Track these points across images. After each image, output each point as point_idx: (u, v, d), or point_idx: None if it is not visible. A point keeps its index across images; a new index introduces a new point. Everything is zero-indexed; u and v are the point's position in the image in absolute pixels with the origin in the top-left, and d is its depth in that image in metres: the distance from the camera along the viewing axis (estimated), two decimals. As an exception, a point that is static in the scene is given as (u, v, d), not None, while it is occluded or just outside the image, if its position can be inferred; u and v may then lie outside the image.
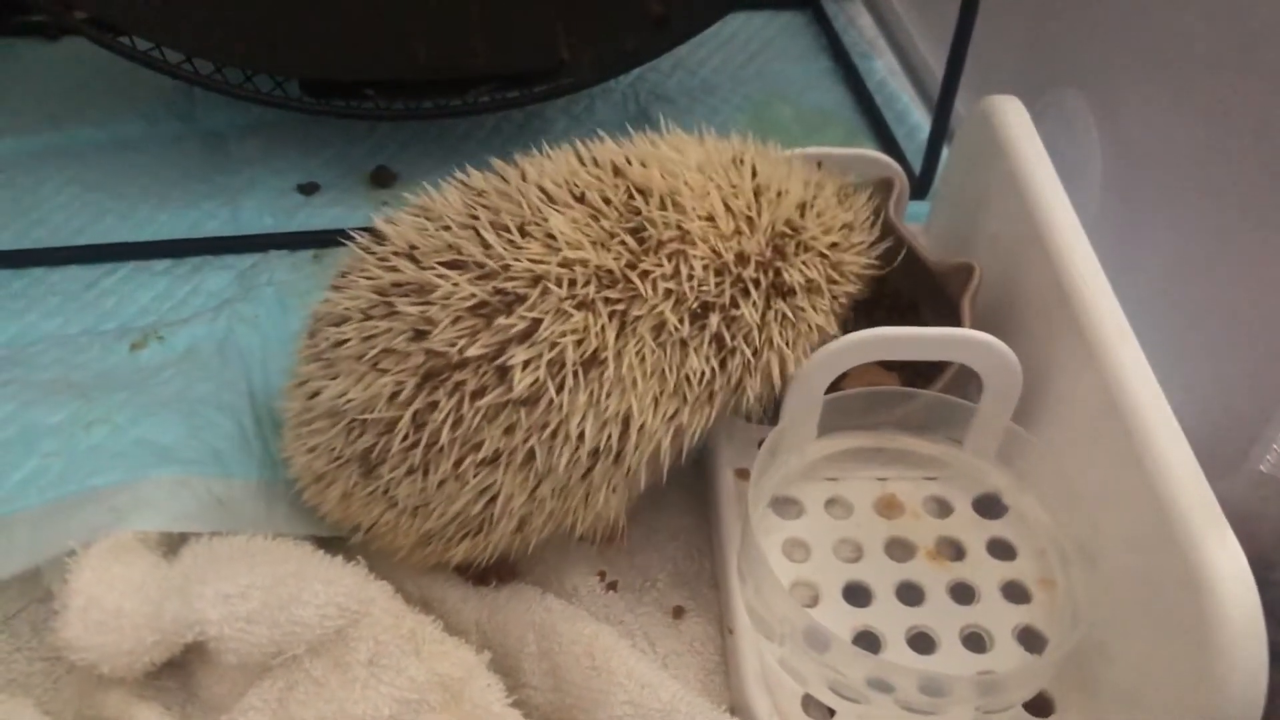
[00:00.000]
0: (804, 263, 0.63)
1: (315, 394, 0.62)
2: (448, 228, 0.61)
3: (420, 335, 0.58)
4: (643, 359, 0.58)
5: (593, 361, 0.58)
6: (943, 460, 0.73)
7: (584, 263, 0.59)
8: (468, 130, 1.04)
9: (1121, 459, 0.61)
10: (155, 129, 1.04)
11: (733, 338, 0.61)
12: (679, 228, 0.60)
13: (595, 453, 0.60)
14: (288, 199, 0.98)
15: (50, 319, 0.86)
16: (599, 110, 1.09)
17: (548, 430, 0.58)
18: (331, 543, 0.67)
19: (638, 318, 0.59)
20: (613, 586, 0.71)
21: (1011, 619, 0.66)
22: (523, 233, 0.60)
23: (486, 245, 0.59)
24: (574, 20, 0.93)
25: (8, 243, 0.92)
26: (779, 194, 0.64)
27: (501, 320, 0.57)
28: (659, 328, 0.59)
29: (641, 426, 0.59)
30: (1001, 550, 0.70)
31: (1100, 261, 0.68)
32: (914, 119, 1.10)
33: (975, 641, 0.65)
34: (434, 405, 0.58)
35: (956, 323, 0.72)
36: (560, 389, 0.58)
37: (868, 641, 0.65)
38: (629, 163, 0.63)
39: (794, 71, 1.17)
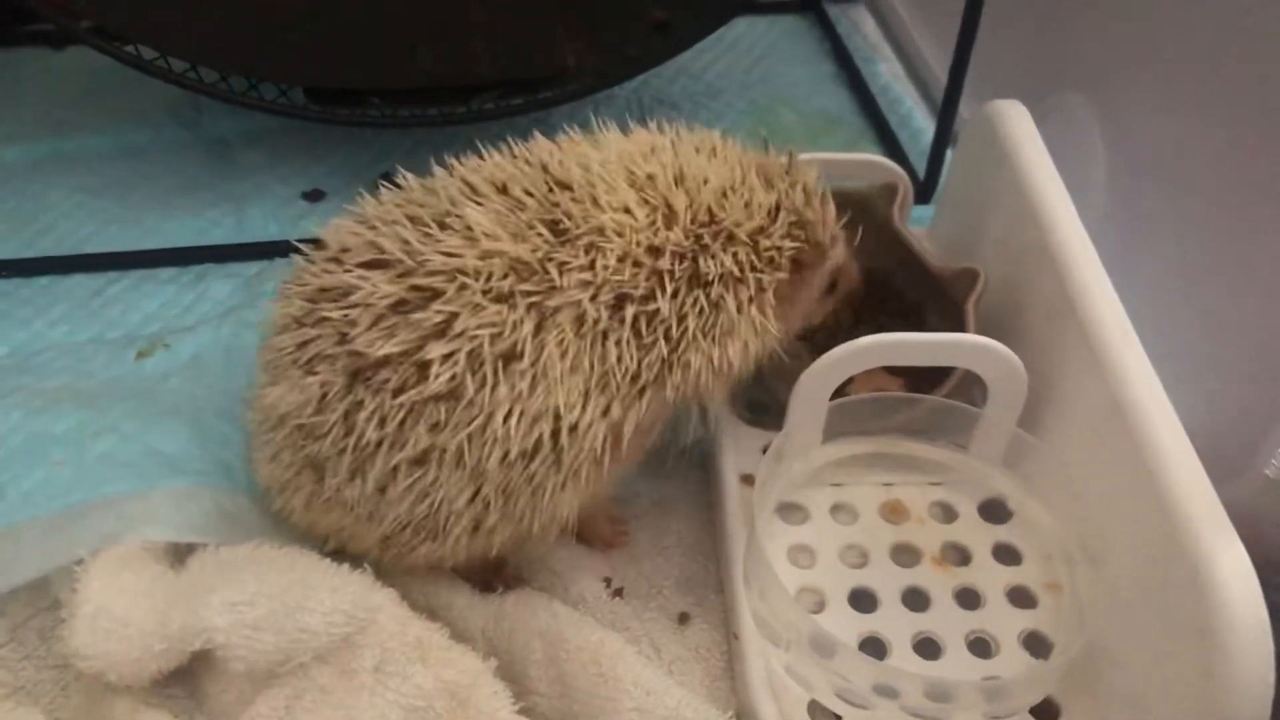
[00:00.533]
0: (724, 252, 0.60)
1: (265, 402, 0.62)
2: (374, 228, 0.61)
3: (344, 338, 0.58)
4: (564, 352, 0.58)
5: (512, 355, 0.57)
6: (948, 465, 0.73)
7: (501, 254, 0.58)
8: (473, 136, 1.04)
9: (1126, 463, 0.61)
10: (161, 137, 1.05)
11: (650, 330, 0.59)
12: (594, 220, 0.59)
13: (530, 454, 0.59)
14: (293, 206, 0.98)
15: (57, 327, 0.87)
16: (603, 116, 1.09)
17: (474, 426, 0.57)
18: (337, 550, 0.67)
19: (556, 310, 0.58)
20: (619, 593, 0.71)
21: (1017, 624, 0.66)
22: (441, 226, 0.59)
23: (405, 242, 0.59)
24: (578, 27, 0.93)
25: (14, 251, 0.92)
26: (703, 181, 0.61)
27: (418, 315, 0.57)
28: (579, 320, 0.58)
29: (574, 425, 0.58)
30: (1007, 555, 0.70)
31: (1104, 265, 0.68)
32: (918, 123, 1.10)
33: (981, 646, 0.65)
34: (360, 404, 0.58)
35: (961, 327, 0.72)
36: (481, 385, 0.57)
37: (873, 647, 0.65)
38: (553, 157, 0.62)
39: (797, 76, 1.17)
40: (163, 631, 0.60)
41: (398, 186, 0.64)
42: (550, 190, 0.60)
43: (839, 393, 0.69)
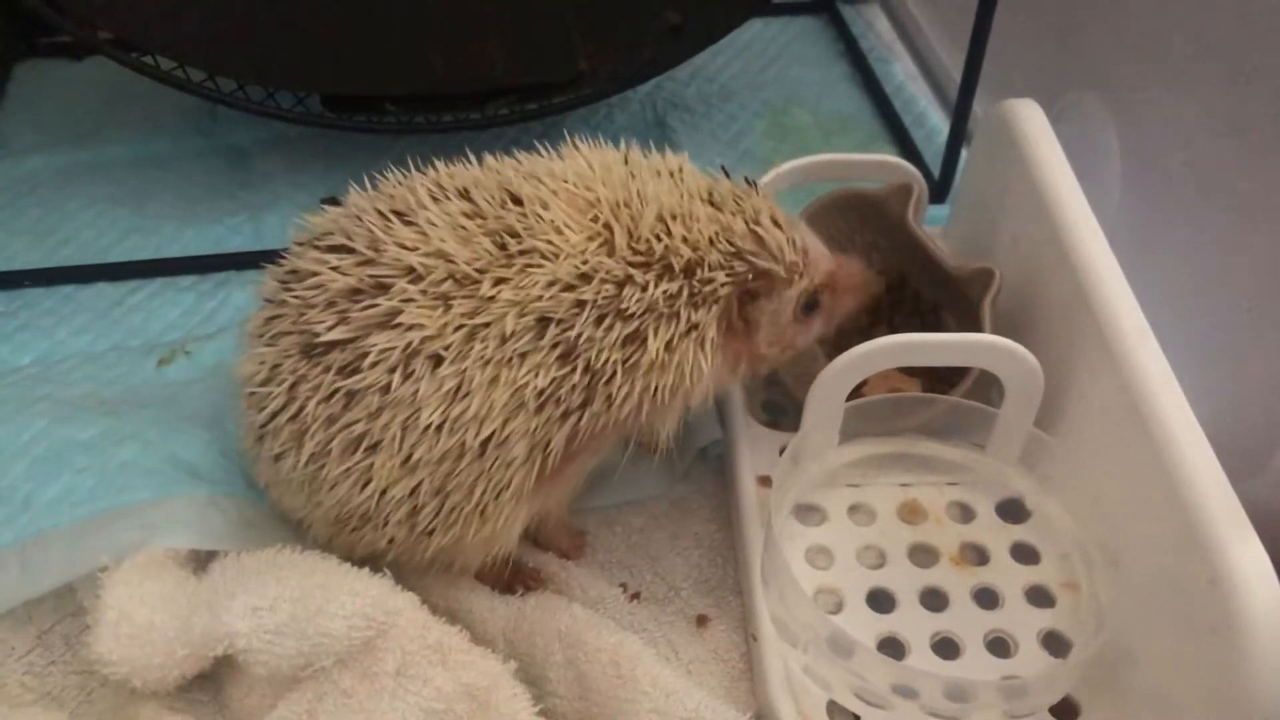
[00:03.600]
0: (655, 285, 0.59)
1: (235, 373, 0.65)
2: (350, 216, 0.63)
3: (301, 317, 0.61)
4: (486, 365, 0.58)
5: (439, 358, 0.58)
6: (965, 465, 0.73)
7: (445, 257, 0.59)
8: (488, 142, 1.05)
9: (1144, 462, 0.60)
10: (179, 146, 1.06)
11: (570, 358, 0.58)
12: (532, 239, 0.59)
13: (458, 456, 0.59)
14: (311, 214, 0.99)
15: (79, 336, 0.87)
16: (617, 119, 1.10)
17: (404, 419, 0.58)
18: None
19: (486, 324, 0.58)
20: (636, 596, 0.71)
21: (1035, 623, 0.66)
22: (403, 220, 0.61)
23: (370, 232, 0.61)
24: (591, 31, 0.93)
25: (36, 261, 0.93)
26: (647, 207, 0.60)
27: (367, 304, 0.59)
28: (502, 337, 0.58)
29: (498, 438, 0.59)
30: (1025, 554, 0.70)
31: (1120, 263, 0.68)
32: (932, 122, 1.10)
33: (999, 646, 0.65)
34: (304, 379, 0.60)
35: (977, 327, 0.72)
36: (407, 380, 0.58)
37: (892, 647, 0.65)
38: (515, 171, 0.63)
39: (812, 76, 1.17)
40: (185, 637, 0.61)
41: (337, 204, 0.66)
42: (504, 203, 0.60)
43: (855, 393, 0.69)
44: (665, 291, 0.59)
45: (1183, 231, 0.79)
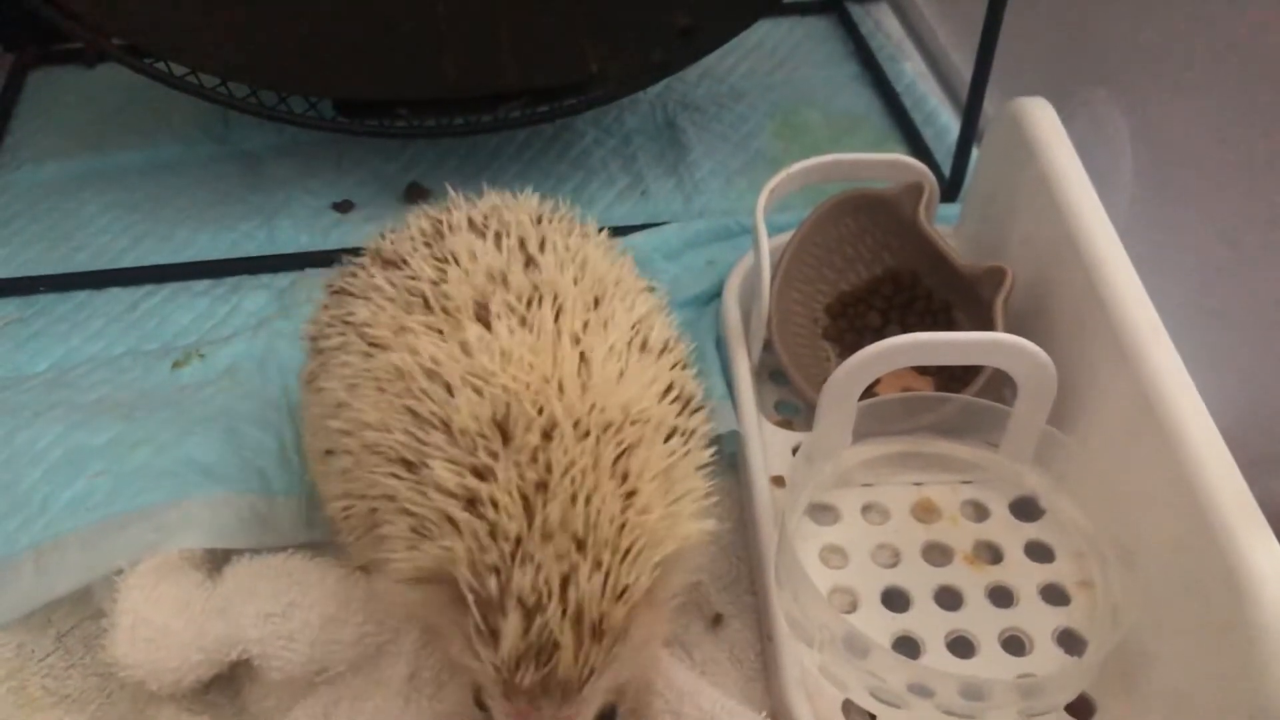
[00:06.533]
0: (422, 444, 0.52)
1: None
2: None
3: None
4: (356, 385, 0.57)
5: (348, 351, 0.59)
6: (979, 464, 0.73)
7: (433, 282, 0.58)
8: (499, 145, 1.05)
9: (1158, 460, 0.60)
10: (192, 151, 1.06)
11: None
12: (487, 349, 0.55)
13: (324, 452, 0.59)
14: (323, 217, 0.99)
15: (94, 341, 0.88)
16: (628, 121, 1.10)
17: (314, 391, 0.61)
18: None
19: (386, 347, 0.57)
20: (651, 596, 0.71)
21: (1051, 621, 0.66)
22: (439, 233, 0.63)
23: (442, 219, 0.64)
24: (601, 34, 0.94)
25: (51, 267, 0.94)
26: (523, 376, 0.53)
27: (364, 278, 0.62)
28: (394, 368, 0.55)
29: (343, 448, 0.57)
30: (1039, 553, 0.70)
31: (1132, 261, 0.68)
32: (943, 121, 1.10)
33: (1015, 644, 0.65)
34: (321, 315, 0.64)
35: (989, 326, 0.72)
36: (323, 370, 0.60)
37: (907, 646, 0.65)
38: (540, 251, 0.60)
39: (821, 77, 1.17)
40: (200, 642, 0.61)
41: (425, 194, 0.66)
42: (513, 308, 0.57)
43: (868, 393, 0.69)
44: (409, 464, 0.52)
45: (1196, 229, 0.79)
